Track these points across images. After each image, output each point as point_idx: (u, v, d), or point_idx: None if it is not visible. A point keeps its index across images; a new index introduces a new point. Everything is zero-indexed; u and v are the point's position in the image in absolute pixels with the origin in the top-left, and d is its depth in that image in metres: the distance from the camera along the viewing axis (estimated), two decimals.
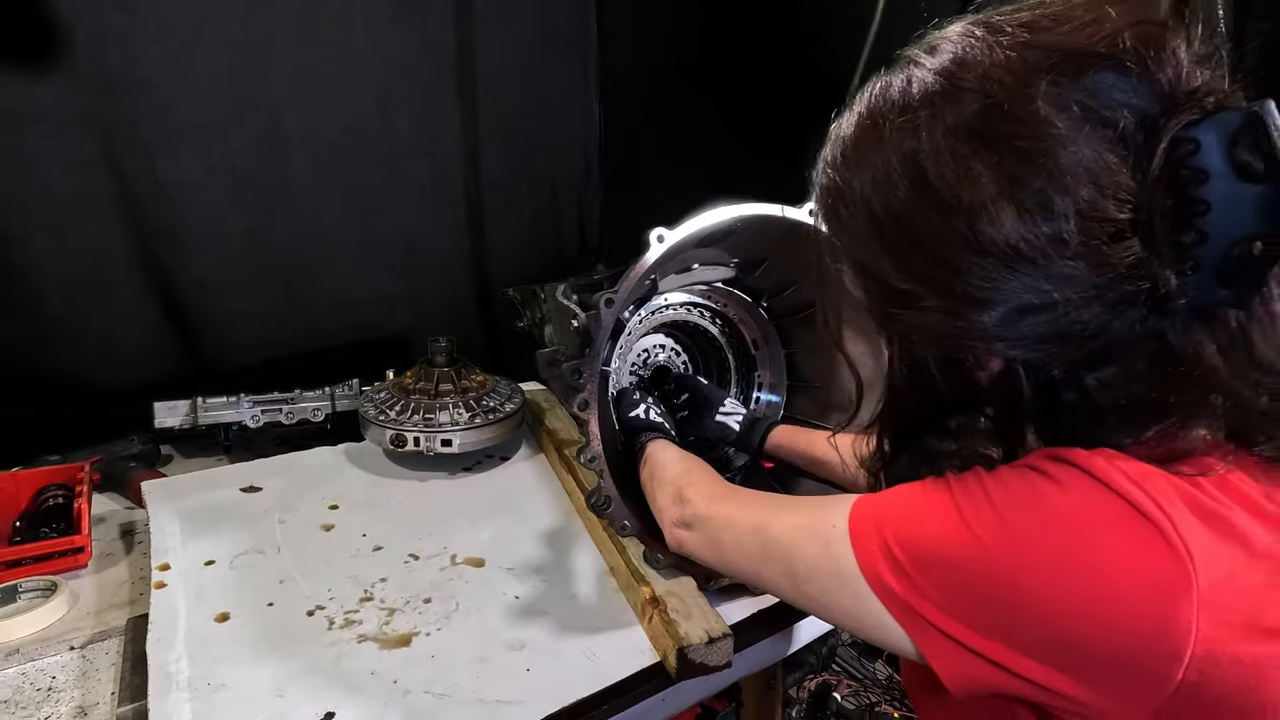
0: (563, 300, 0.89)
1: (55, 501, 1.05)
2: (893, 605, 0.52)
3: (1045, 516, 0.47)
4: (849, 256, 0.58)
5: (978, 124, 0.48)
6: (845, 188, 0.55)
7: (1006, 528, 0.48)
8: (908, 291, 0.53)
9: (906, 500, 0.54)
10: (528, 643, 0.83)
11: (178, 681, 0.75)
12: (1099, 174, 0.45)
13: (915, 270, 0.52)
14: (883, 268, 0.54)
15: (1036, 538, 0.47)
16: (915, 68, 0.53)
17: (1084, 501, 0.46)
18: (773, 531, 0.63)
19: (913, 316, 0.53)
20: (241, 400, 1.29)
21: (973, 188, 0.47)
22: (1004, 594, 0.47)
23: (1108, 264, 0.45)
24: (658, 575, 0.88)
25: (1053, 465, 0.49)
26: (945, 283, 0.50)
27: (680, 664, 0.77)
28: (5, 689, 0.80)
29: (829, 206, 0.58)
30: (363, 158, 1.60)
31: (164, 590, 0.88)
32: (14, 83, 1.22)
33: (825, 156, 0.59)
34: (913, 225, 0.51)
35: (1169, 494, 0.45)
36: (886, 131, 0.52)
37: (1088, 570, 0.45)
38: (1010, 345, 0.50)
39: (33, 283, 1.30)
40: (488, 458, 1.27)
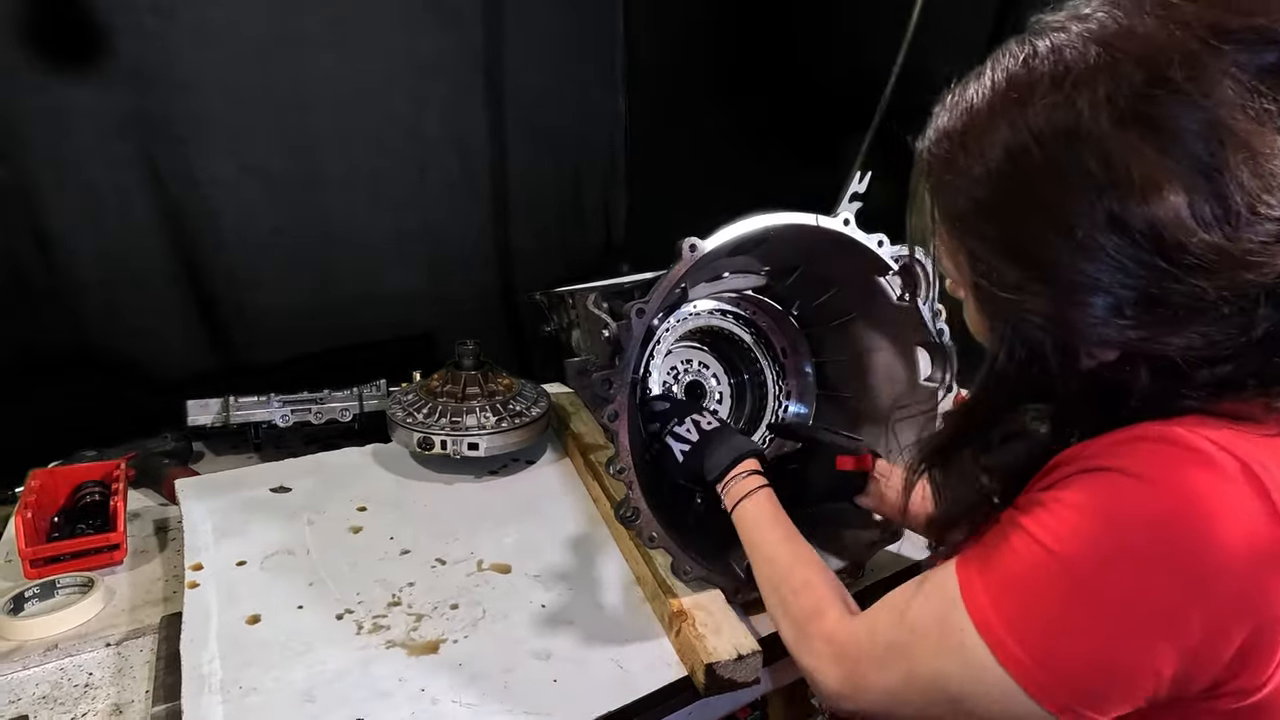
0: (593, 309, 0.88)
1: (92, 498, 1.07)
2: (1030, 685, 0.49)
3: (1120, 513, 0.46)
4: (959, 235, 0.54)
5: (1146, 104, 0.44)
6: (970, 162, 0.51)
7: (1085, 539, 0.46)
8: (1027, 274, 0.49)
9: (999, 560, 0.52)
10: (554, 652, 0.83)
11: (210, 684, 0.76)
12: (1274, 166, 0.42)
13: (1042, 252, 0.48)
14: (1001, 248, 0.51)
15: (1137, 542, 0.45)
16: (1063, 35, 0.49)
17: (1171, 490, 0.44)
18: (922, 671, 0.55)
19: (1030, 300, 0.50)
20: (272, 400, 1.31)
21: (1139, 170, 0.44)
22: (1101, 604, 0.46)
23: (1267, 263, 0.43)
24: (685, 587, 0.87)
25: (1128, 458, 0.47)
26: (1075, 266, 0.47)
27: (709, 680, 0.76)
28: (45, 684, 0.81)
29: (943, 182, 0.54)
30: (392, 156, 1.61)
31: (197, 590, 0.90)
32: (55, 83, 1.24)
33: (944, 127, 0.54)
34: (1050, 204, 0.47)
35: (1259, 456, 0.44)
36: (1033, 104, 0.48)
37: (1194, 554, 0.43)
38: (1132, 337, 0.47)
39: (71, 280, 1.33)
40: (513, 461, 1.27)
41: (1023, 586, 0.49)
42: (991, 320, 0.55)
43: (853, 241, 0.91)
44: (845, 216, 0.91)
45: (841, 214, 0.91)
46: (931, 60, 1.38)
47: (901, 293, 0.96)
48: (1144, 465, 0.46)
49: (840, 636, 0.65)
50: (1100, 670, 0.46)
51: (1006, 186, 0.50)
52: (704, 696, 0.78)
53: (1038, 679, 0.48)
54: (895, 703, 0.58)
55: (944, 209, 0.55)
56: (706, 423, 0.90)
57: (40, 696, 0.80)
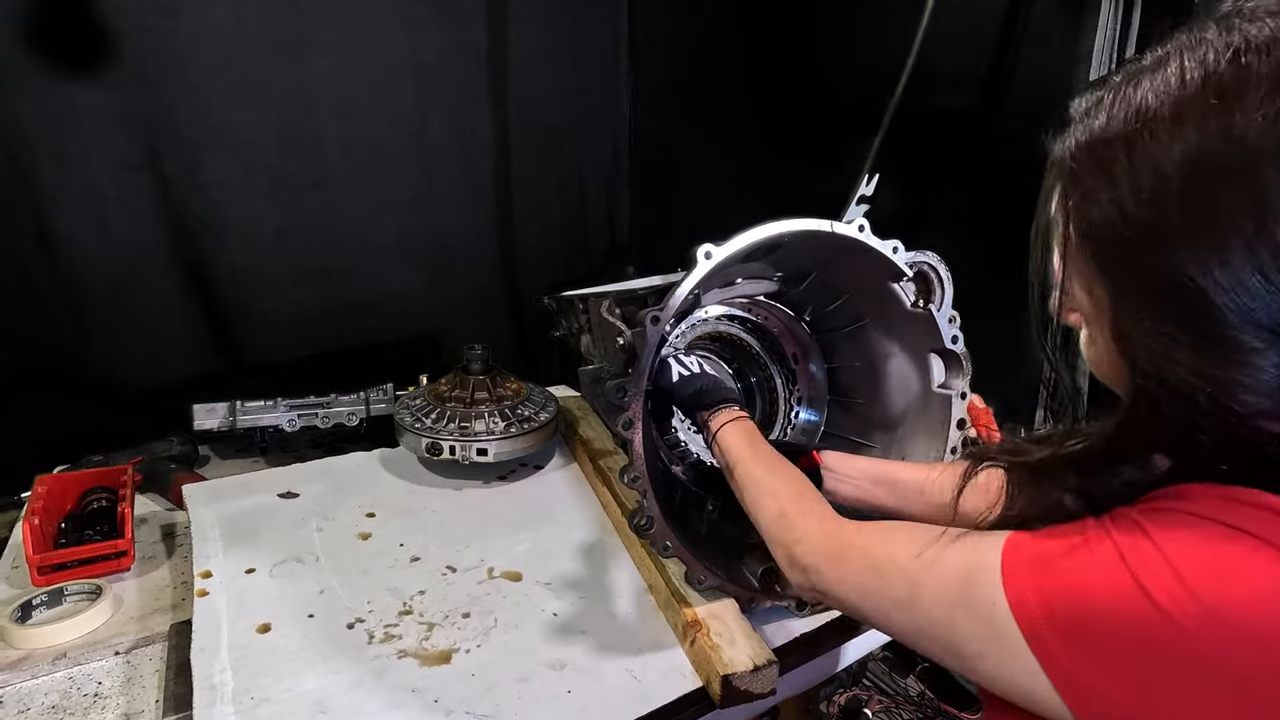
0: (607, 316, 0.88)
1: (99, 504, 1.06)
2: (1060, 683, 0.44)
3: (1247, 584, 0.39)
4: (1108, 260, 0.46)
5: None
6: (1137, 173, 0.42)
7: (1202, 604, 0.39)
8: (1184, 318, 0.42)
9: (1069, 564, 0.45)
10: (568, 662, 0.83)
11: (222, 694, 0.75)
12: None
13: (1215, 294, 0.40)
14: (1166, 282, 0.42)
15: (1243, 612, 0.38)
16: (1259, 27, 0.40)
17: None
18: (924, 606, 0.52)
19: (1177, 351, 0.42)
20: (278, 404, 1.30)
21: None
22: (1204, 674, 0.39)
23: None
24: (699, 596, 0.86)
25: (1237, 513, 0.40)
26: (1255, 319, 0.39)
27: (725, 691, 0.76)
28: (54, 694, 0.81)
29: (1093, 195, 0.45)
30: (396, 157, 1.61)
31: (206, 599, 0.89)
32: (60, 85, 1.24)
33: (1099, 130, 0.45)
34: (1247, 235, 0.39)
35: None
36: (1244, 108, 0.39)
37: None
38: None
39: (78, 281, 1.32)
40: (522, 466, 1.27)
41: (1089, 599, 0.43)
42: (1132, 366, 0.46)
43: (867, 248, 0.91)
44: (860, 223, 0.90)
45: (855, 220, 0.91)
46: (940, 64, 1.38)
47: (915, 299, 0.96)
48: (1272, 532, 0.39)
49: (837, 525, 0.65)
50: None
51: (1182, 207, 0.41)
52: (720, 708, 0.77)
53: (1080, 694, 0.43)
54: (871, 609, 0.57)
55: (1086, 227, 0.46)
56: (712, 366, 0.95)
57: (49, 706, 0.79)
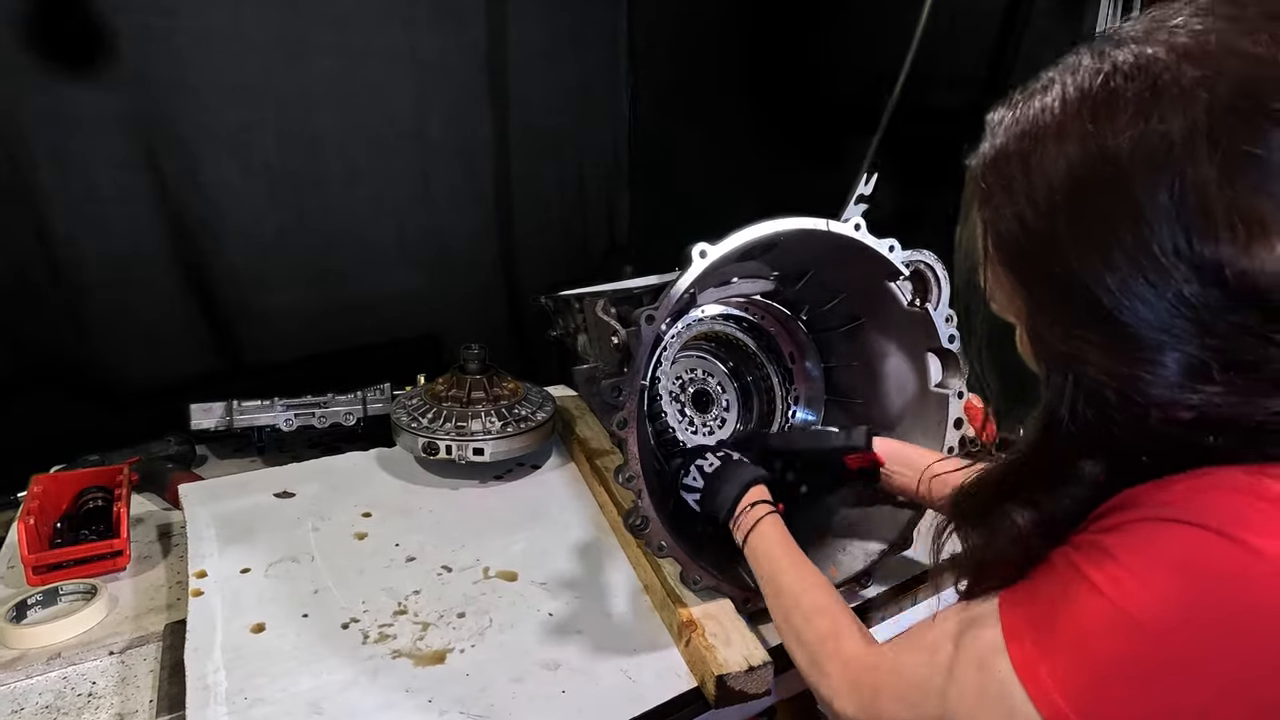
0: (602, 315, 0.87)
1: (95, 504, 1.06)
2: None
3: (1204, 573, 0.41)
4: (1017, 268, 0.49)
5: (1249, 138, 0.39)
6: (1032, 188, 0.46)
7: (1177, 607, 0.41)
8: (1089, 320, 0.44)
9: (1064, 624, 0.46)
10: (563, 663, 0.82)
11: (216, 694, 0.75)
12: None
13: (1110, 296, 0.43)
14: (1065, 288, 0.45)
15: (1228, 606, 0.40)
16: (1148, 48, 0.43)
17: (1263, 550, 0.40)
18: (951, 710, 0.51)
19: (1087, 350, 0.45)
20: (275, 404, 1.30)
21: (1234, 214, 0.39)
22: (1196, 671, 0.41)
23: None
24: (694, 596, 0.86)
25: (1210, 511, 0.42)
26: (1145, 315, 0.42)
27: (720, 691, 0.75)
28: (48, 694, 0.81)
29: (1000, 208, 0.48)
30: (396, 157, 1.61)
31: (201, 599, 0.89)
32: (60, 85, 1.24)
33: (1000, 147, 0.49)
34: (1128, 242, 0.41)
35: None
36: (1114, 127, 0.42)
37: None
38: (1204, 401, 0.42)
39: (77, 281, 1.32)
40: (518, 466, 1.26)
41: (1087, 648, 0.44)
42: (1049, 371, 0.49)
43: (863, 247, 0.90)
44: (856, 221, 0.90)
45: (852, 219, 0.91)
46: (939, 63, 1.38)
47: (912, 298, 0.95)
48: (1229, 521, 0.41)
49: (858, 663, 0.63)
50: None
51: (1073, 219, 0.44)
52: (715, 708, 0.77)
53: None
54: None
55: (998, 240, 0.49)
56: (709, 465, 0.90)
57: (43, 706, 0.79)
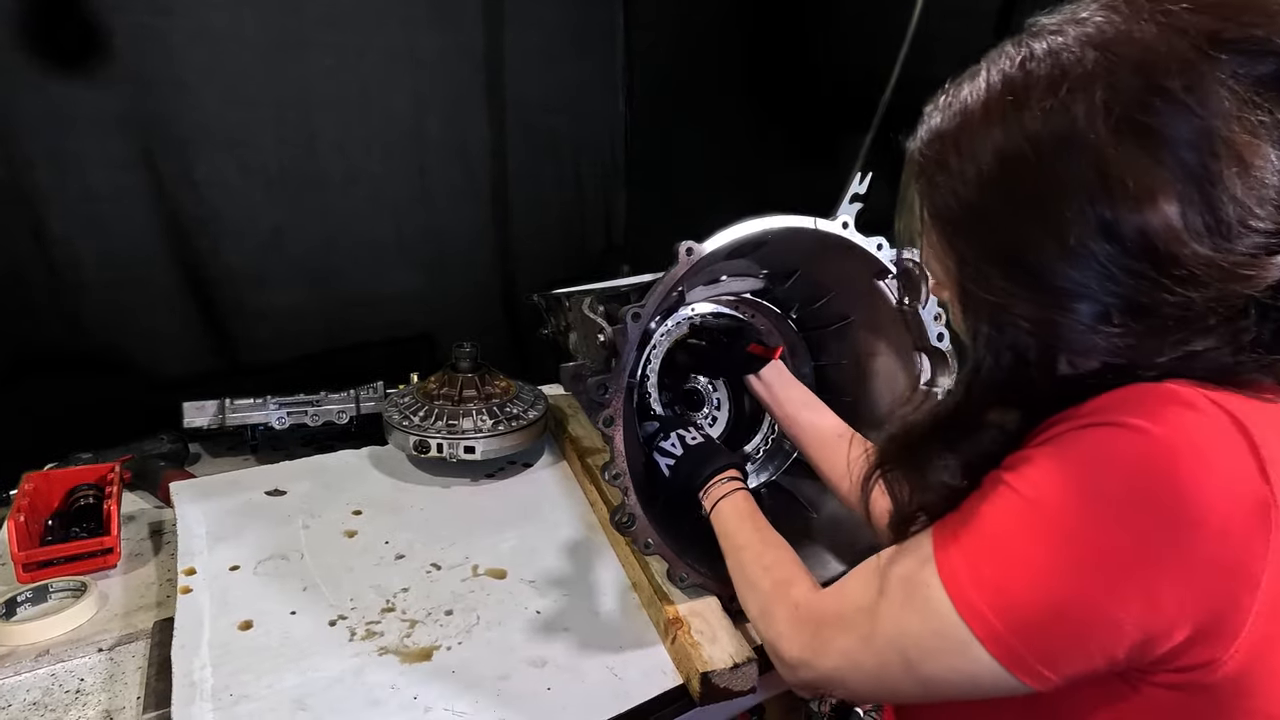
0: (588, 313, 0.87)
1: (86, 501, 1.06)
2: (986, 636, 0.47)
3: (1115, 464, 0.44)
4: (952, 236, 0.54)
5: (1142, 110, 0.44)
6: (962, 164, 0.51)
7: (1074, 492, 0.45)
8: (1015, 279, 0.49)
9: (976, 516, 0.50)
10: (549, 660, 0.82)
11: (201, 691, 0.75)
12: (1266, 178, 0.43)
13: (1031, 257, 0.48)
14: (990, 252, 0.51)
15: (1114, 487, 0.44)
16: (1059, 38, 0.48)
17: (1156, 437, 0.44)
18: (883, 630, 0.54)
19: (1017, 304, 0.50)
20: (268, 402, 1.30)
21: (1133, 178, 0.44)
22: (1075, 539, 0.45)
23: (1255, 276, 0.44)
24: (681, 594, 0.86)
25: (1121, 410, 0.46)
26: (1063, 273, 0.47)
27: (704, 688, 0.75)
28: (35, 690, 0.81)
29: (933, 183, 0.54)
30: (392, 156, 1.61)
31: (189, 595, 0.89)
32: (56, 84, 1.24)
33: (936, 128, 0.54)
34: (1042, 210, 0.47)
35: (1252, 414, 0.44)
36: (1029, 107, 0.48)
37: (1172, 502, 0.43)
38: (1118, 346, 0.47)
39: (71, 280, 1.32)
40: (510, 464, 1.26)
41: (993, 535, 0.48)
42: (976, 324, 0.54)
43: (851, 245, 0.90)
44: (844, 219, 0.90)
45: (840, 217, 0.90)
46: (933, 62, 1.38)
47: (901, 296, 0.95)
48: (1134, 415, 0.45)
49: (806, 603, 0.65)
50: (1061, 620, 0.45)
51: (998, 190, 0.50)
52: (700, 705, 0.77)
53: (994, 629, 0.47)
54: (851, 666, 0.57)
55: (934, 210, 0.55)
56: (691, 438, 0.92)
57: (31, 703, 0.79)
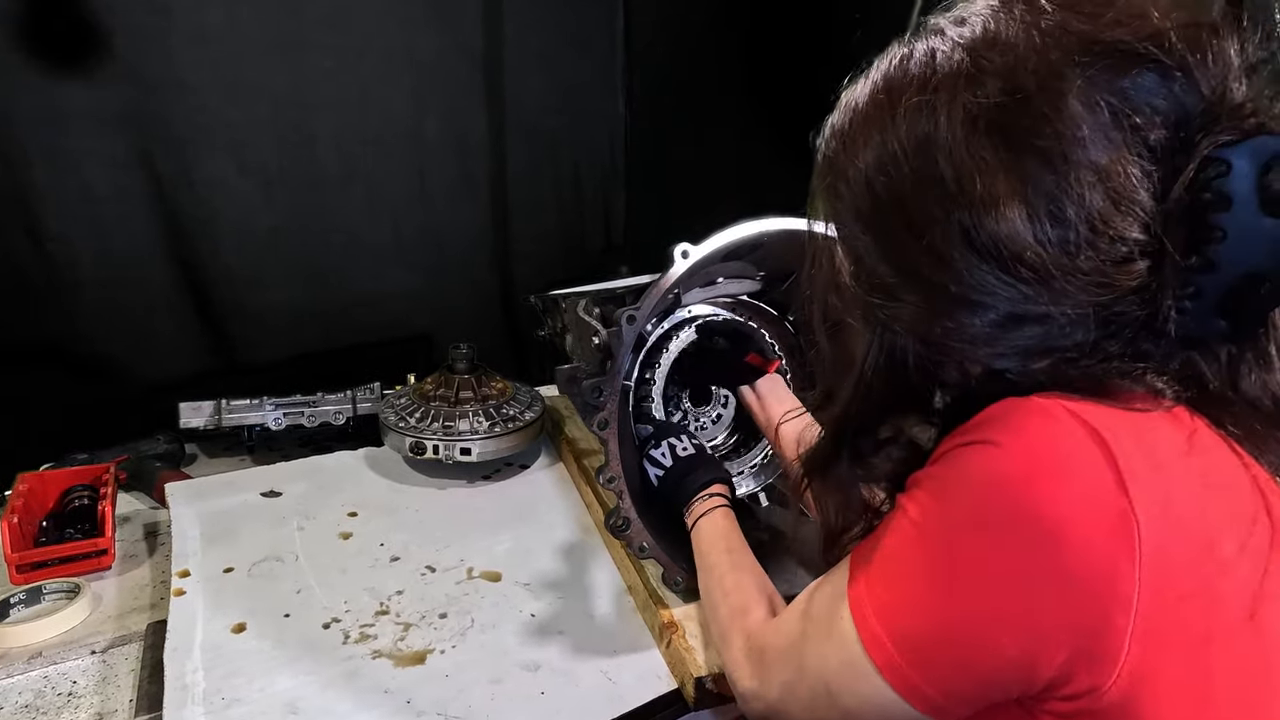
0: (583, 316, 0.87)
1: (81, 502, 1.06)
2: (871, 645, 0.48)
3: (981, 483, 0.44)
4: (843, 237, 0.54)
5: (999, 114, 0.44)
6: (848, 164, 0.51)
7: (948, 514, 0.46)
8: (897, 283, 0.50)
9: (880, 544, 0.51)
10: (543, 664, 0.82)
11: (193, 694, 0.75)
12: (1119, 187, 0.42)
13: (909, 262, 0.48)
14: (876, 255, 0.51)
15: (980, 506, 0.44)
16: (940, 39, 0.48)
17: (1016, 452, 0.43)
18: (808, 663, 0.54)
19: (899, 309, 0.50)
20: (264, 402, 1.30)
21: (983, 182, 0.44)
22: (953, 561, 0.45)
23: (1111, 284, 0.43)
24: (676, 598, 0.86)
25: (989, 427, 0.45)
26: (938, 280, 0.47)
27: (698, 693, 0.75)
28: (28, 693, 0.81)
29: (829, 183, 0.54)
30: (391, 157, 1.61)
31: (183, 598, 0.89)
32: (53, 83, 1.24)
33: (833, 124, 0.54)
34: (913, 214, 0.47)
35: (1112, 424, 0.43)
36: (901, 108, 0.48)
37: (1031, 518, 0.42)
38: (996, 353, 0.47)
39: (71, 280, 1.32)
40: (506, 466, 1.26)
41: (887, 561, 0.49)
42: (863, 325, 0.54)
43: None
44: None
45: None
46: None
47: None
48: (999, 431, 0.45)
49: (756, 633, 0.65)
50: (946, 645, 0.45)
51: (875, 192, 0.50)
52: (694, 710, 0.76)
53: (890, 657, 0.47)
54: (792, 698, 0.56)
55: (827, 208, 0.55)
56: (682, 448, 0.91)
57: (23, 705, 0.79)
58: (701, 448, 0.92)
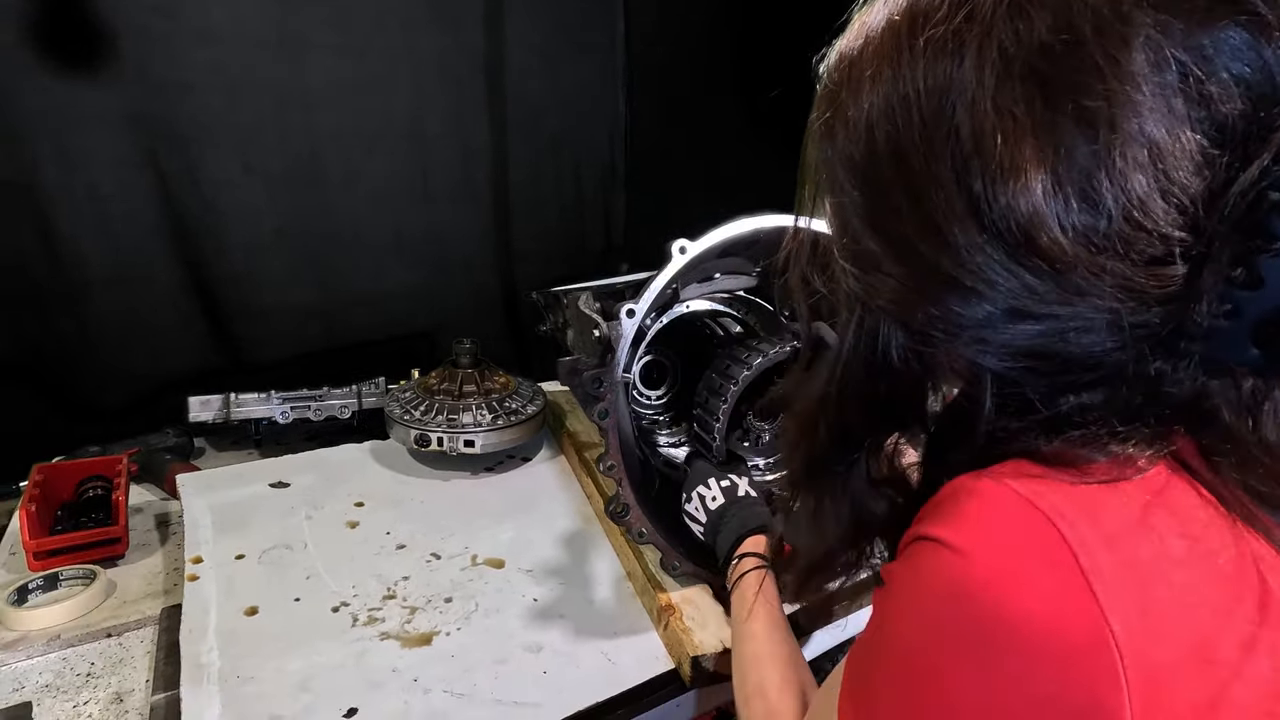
0: (584, 309, 0.90)
1: (95, 492, 1.09)
2: None
3: (936, 594, 0.39)
4: (830, 189, 0.45)
5: (1041, 59, 0.35)
6: (850, 101, 0.42)
7: (910, 631, 0.40)
8: (881, 254, 0.42)
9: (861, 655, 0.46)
10: (545, 645, 0.85)
11: (209, 673, 0.78)
12: (1171, 171, 0.34)
13: (900, 231, 0.41)
14: (862, 216, 0.43)
15: (938, 619, 0.39)
16: None
17: (971, 556, 0.38)
18: None
19: (880, 285, 0.43)
20: (272, 397, 1.33)
21: (1006, 144, 0.36)
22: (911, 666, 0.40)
23: (1137, 289, 0.35)
24: (674, 581, 0.89)
25: (941, 522, 0.40)
26: (931, 256, 0.39)
27: (695, 672, 0.78)
28: (48, 673, 0.84)
29: (825, 121, 0.45)
30: (394, 156, 1.63)
31: (196, 583, 0.92)
32: (60, 84, 1.26)
33: (840, 51, 0.45)
34: (915, 173, 0.39)
35: (1071, 510, 0.37)
36: (921, 40, 0.39)
37: (991, 630, 0.36)
38: (985, 351, 0.40)
39: (78, 280, 1.35)
40: (509, 458, 1.29)
41: (870, 686, 0.44)
42: (842, 300, 0.47)
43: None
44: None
45: None
46: None
47: None
48: (952, 528, 0.39)
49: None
50: None
51: (874, 141, 0.41)
52: (690, 688, 0.79)
53: None
54: None
55: (818, 152, 0.46)
56: (711, 499, 0.87)
57: (43, 685, 0.82)
58: (732, 489, 0.87)
